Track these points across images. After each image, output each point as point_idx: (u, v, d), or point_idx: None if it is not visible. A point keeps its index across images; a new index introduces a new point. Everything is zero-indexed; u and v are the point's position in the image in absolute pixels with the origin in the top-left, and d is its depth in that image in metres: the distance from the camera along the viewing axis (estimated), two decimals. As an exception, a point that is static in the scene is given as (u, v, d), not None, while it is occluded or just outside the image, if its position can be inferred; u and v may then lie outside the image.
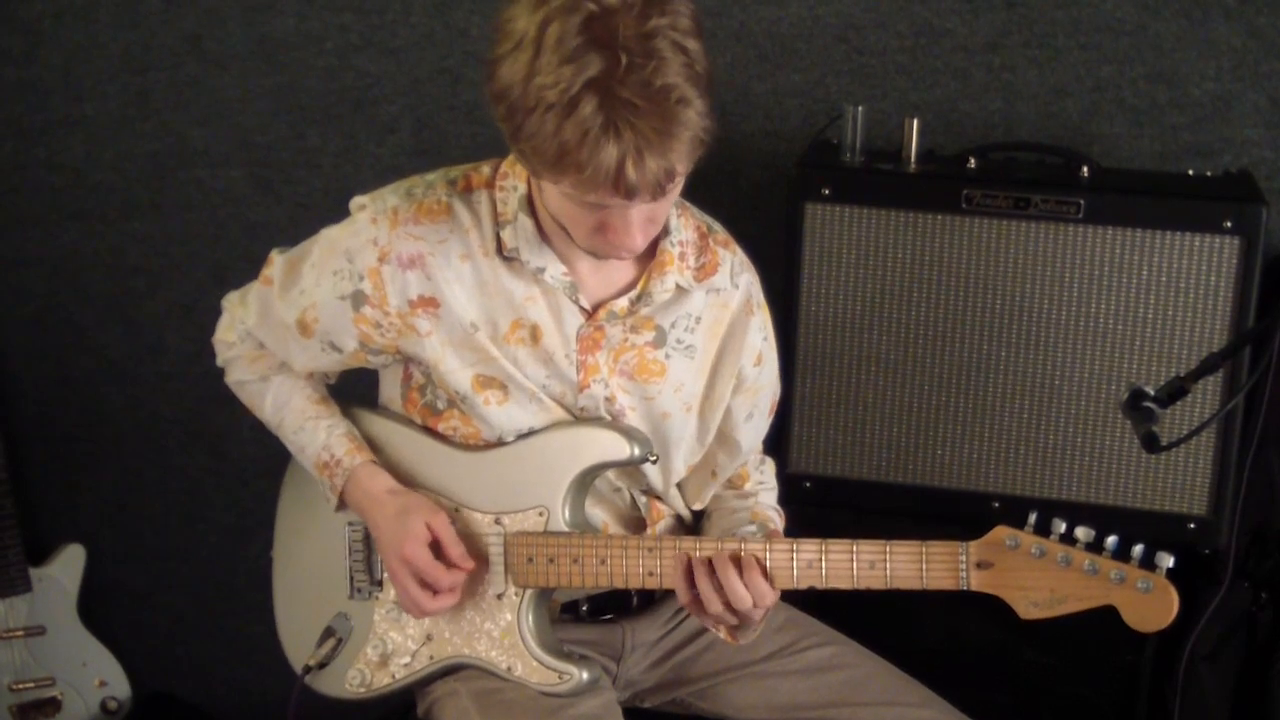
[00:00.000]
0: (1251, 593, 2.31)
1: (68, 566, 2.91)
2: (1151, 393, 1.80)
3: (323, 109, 2.76)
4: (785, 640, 1.95)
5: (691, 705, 1.98)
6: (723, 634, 1.84)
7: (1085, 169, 2.27)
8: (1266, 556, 2.30)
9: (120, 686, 2.95)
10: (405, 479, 1.87)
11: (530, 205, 1.74)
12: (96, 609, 2.97)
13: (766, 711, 1.91)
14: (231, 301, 1.96)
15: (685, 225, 1.83)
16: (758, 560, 1.73)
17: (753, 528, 1.92)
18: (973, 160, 2.31)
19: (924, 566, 1.70)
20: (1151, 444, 1.75)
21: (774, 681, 1.92)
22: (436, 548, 1.80)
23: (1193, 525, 2.27)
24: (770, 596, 1.74)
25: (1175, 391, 1.80)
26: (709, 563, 1.74)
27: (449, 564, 1.80)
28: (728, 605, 1.73)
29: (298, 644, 1.97)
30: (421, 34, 2.68)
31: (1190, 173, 2.36)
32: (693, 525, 2.00)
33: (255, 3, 2.72)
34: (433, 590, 1.80)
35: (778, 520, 1.99)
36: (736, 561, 1.72)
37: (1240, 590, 2.30)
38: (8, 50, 2.82)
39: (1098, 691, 2.38)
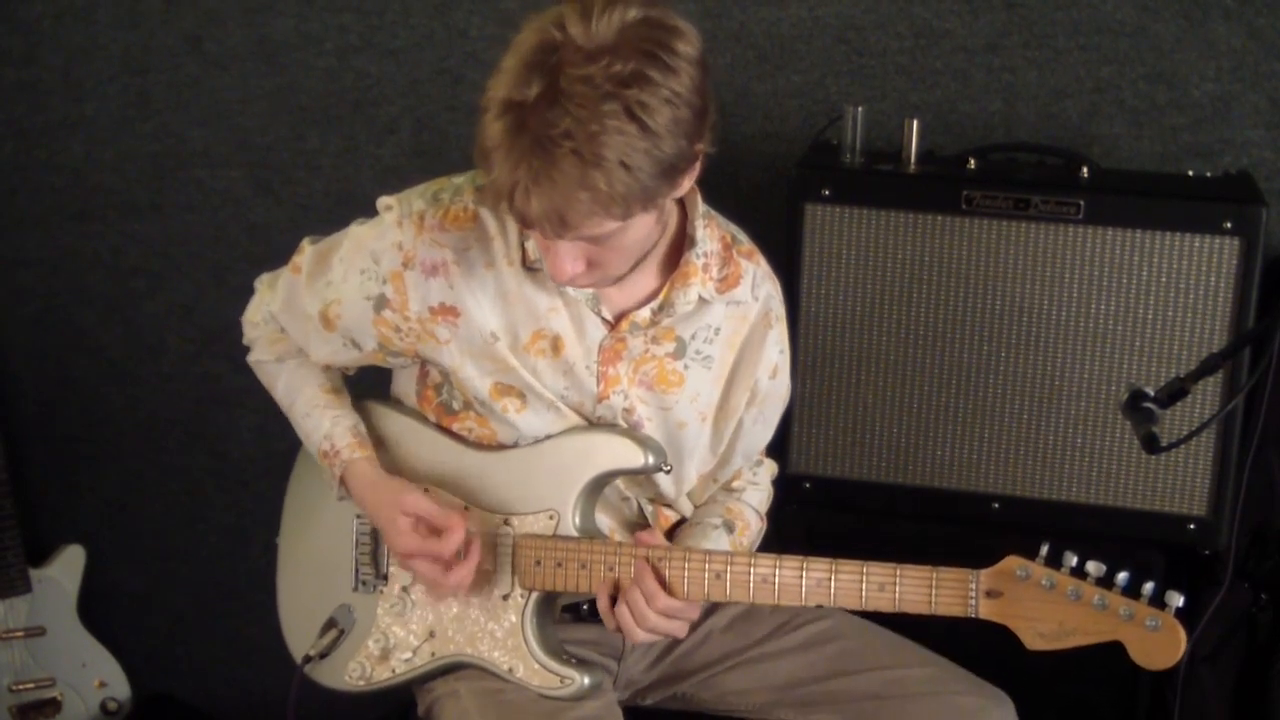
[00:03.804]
0: (1251, 593, 2.31)
1: (67, 567, 2.91)
2: (1151, 393, 1.81)
3: (322, 110, 2.76)
4: (779, 619, 1.96)
5: (692, 697, 1.99)
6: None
7: (1085, 170, 2.27)
8: (1266, 557, 2.30)
9: (120, 687, 2.95)
10: (417, 476, 1.88)
11: None
12: (96, 610, 2.97)
13: (768, 693, 1.92)
14: (263, 283, 1.97)
15: (711, 236, 1.82)
16: (656, 573, 1.74)
17: (716, 520, 1.92)
18: (973, 161, 2.31)
19: (933, 592, 1.69)
20: (1151, 445, 1.75)
21: (771, 662, 1.93)
22: (425, 525, 1.80)
23: (1193, 526, 2.27)
24: (684, 611, 1.76)
25: (1175, 392, 1.80)
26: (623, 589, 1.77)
27: (441, 533, 1.78)
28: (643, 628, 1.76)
29: (299, 634, 1.97)
30: (421, 35, 2.68)
31: (1190, 173, 2.36)
32: None
33: (255, 3, 2.72)
34: (442, 562, 1.79)
35: (754, 522, 1.99)
36: (641, 590, 1.75)
37: (1240, 591, 2.30)
38: (8, 51, 2.82)
39: (1098, 692, 2.38)
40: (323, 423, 1.89)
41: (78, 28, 2.79)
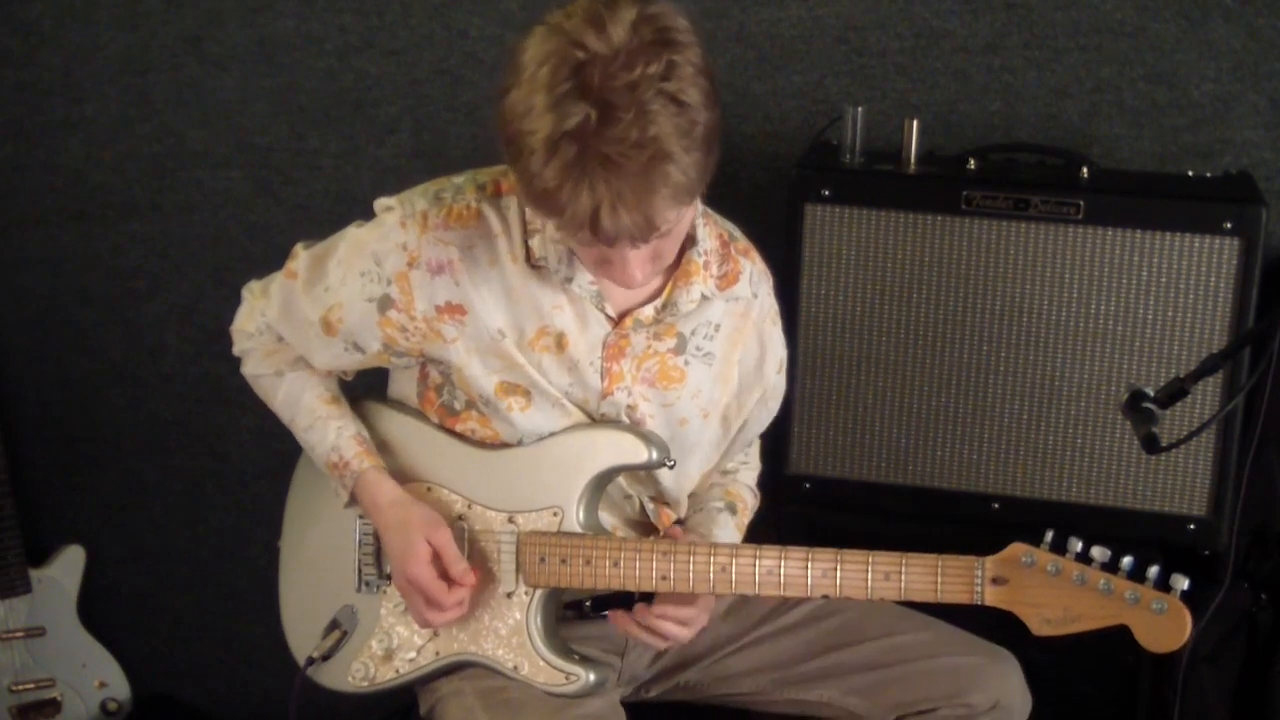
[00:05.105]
0: (1251, 594, 2.31)
1: (68, 567, 2.91)
2: (1151, 394, 1.81)
3: (323, 110, 2.76)
4: (775, 600, 1.96)
5: (695, 685, 2.00)
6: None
7: (1085, 170, 2.27)
8: (1266, 557, 2.30)
9: (120, 688, 2.95)
10: (419, 475, 1.88)
11: None
12: (96, 610, 2.97)
13: (770, 672, 1.95)
14: (253, 291, 1.95)
15: (709, 234, 1.84)
16: (678, 598, 1.78)
17: (719, 504, 1.94)
18: (972, 161, 2.31)
19: (939, 580, 1.70)
20: (1151, 445, 1.75)
21: (771, 642, 1.95)
22: (440, 562, 1.80)
23: (1193, 526, 2.27)
24: (697, 617, 1.81)
25: (1175, 392, 1.81)
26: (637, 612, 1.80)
27: (451, 581, 1.80)
28: (664, 638, 1.81)
29: (302, 635, 1.97)
30: (421, 35, 2.68)
31: (1190, 174, 2.36)
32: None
33: (255, 3, 2.72)
34: (440, 606, 1.81)
35: (750, 500, 2.02)
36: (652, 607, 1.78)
37: (1240, 591, 2.30)
38: (8, 51, 2.82)
39: (1098, 691, 2.39)
40: (327, 434, 1.88)
41: (78, 28, 2.79)
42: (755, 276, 1.90)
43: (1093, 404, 2.27)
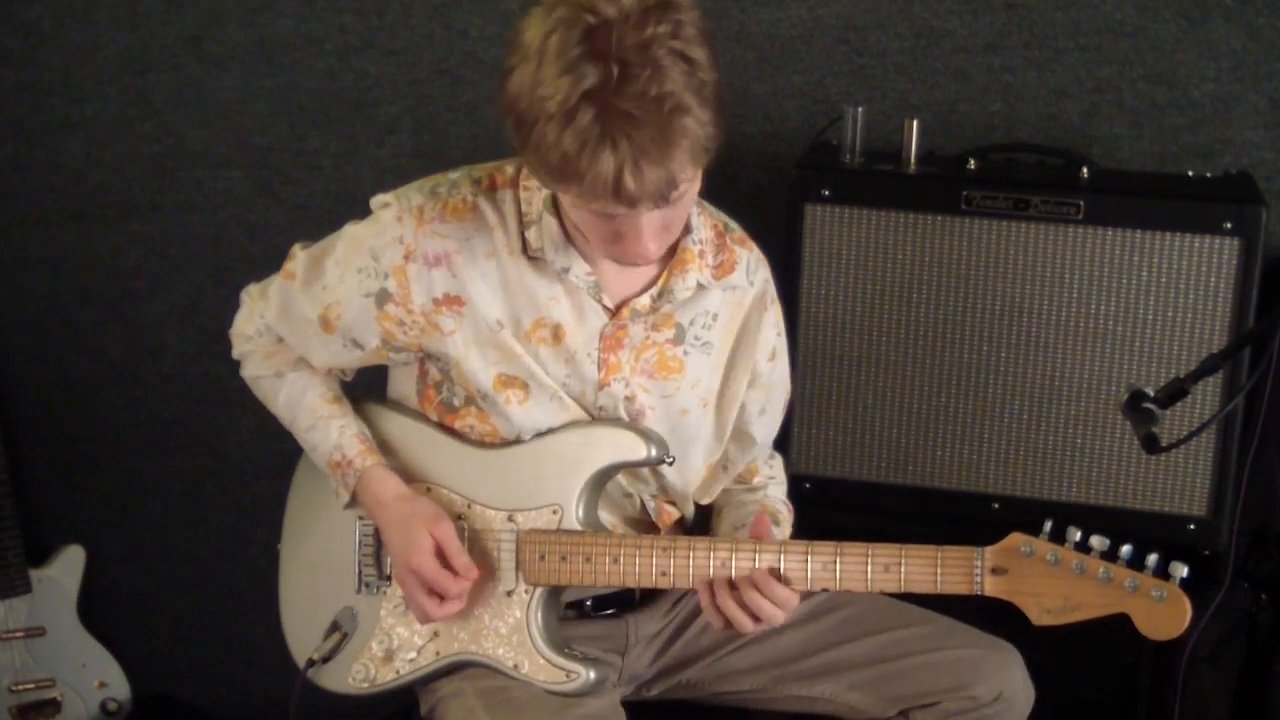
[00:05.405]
0: (1251, 594, 2.31)
1: (68, 567, 2.91)
2: (1151, 394, 1.81)
3: (323, 110, 2.76)
4: None
5: (696, 685, 2.00)
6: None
7: (1085, 170, 2.28)
8: (1266, 557, 2.30)
9: (120, 688, 2.95)
10: (418, 475, 1.88)
11: (555, 205, 1.75)
12: (96, 610, 2.97)
13: (771, 669, 1.95)
14: (251, 294, 1.96)
15: (704, 224, 1.85)
16: (772, 572, 1.74)
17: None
18: (972, 161, 2.31)
19: (939, 571, 1.71)
20: (1151, 445, 1.75)
21: (773, 638, 1.95)
22: (443, 555, 1.80)
23: (1193, 526, 2.27)
24: (793, 600, 1.76)
25: (1175, 392, 1.81)
26: (729, 584, 1.75)
27: (454, 572, 1.80)
28: (756, 620, 1.75)
29: (302, 638, 1.97)
30: (421, 35, 2.68)
31: (1190, 174, 2.36)
32: (695, 523, 2.01)
33: (255, 3, 2.72)
34: (440, 598, 1.81)
35: (786, 514, 2.01)
36: (755, 583, 1.74)
37: (1240, 591, 2.30)
38: (8, 51, 2.82)
39: (1098, 692, 2.39)
40: (329, 434, 1.89)
41: (78, 28, 2.79)
42: (752, 264, 1.90)
43: (1093, 404, 2.27)
